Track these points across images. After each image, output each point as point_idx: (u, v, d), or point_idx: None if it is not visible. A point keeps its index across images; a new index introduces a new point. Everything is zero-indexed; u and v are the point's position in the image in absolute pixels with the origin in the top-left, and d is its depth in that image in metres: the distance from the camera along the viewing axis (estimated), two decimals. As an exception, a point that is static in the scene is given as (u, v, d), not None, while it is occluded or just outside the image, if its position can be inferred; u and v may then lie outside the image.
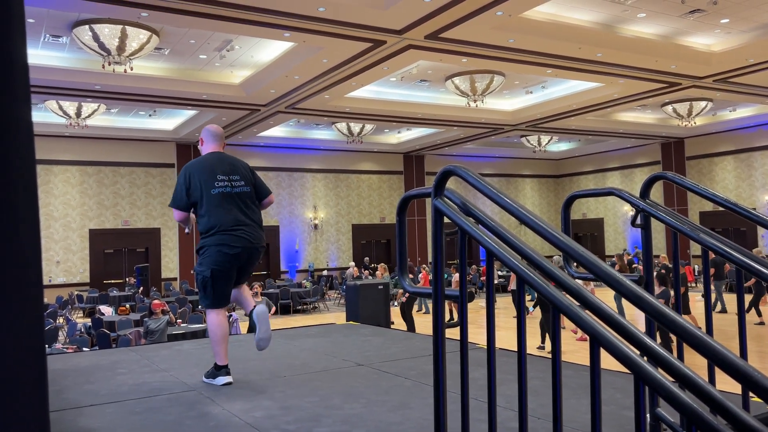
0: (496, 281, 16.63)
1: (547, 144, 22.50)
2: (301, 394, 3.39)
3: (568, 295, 1.51)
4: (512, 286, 13.79)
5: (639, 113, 19.70)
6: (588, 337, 1.38)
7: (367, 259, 22.50)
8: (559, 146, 25.66)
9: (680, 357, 2.11)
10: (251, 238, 3.67)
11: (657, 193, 23.43)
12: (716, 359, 1.16)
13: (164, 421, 2.93)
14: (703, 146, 22.76)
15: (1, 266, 0.81)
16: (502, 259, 1.60)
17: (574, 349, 9.85)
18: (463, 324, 1.73)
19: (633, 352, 1.31)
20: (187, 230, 3.97)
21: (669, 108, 17.43)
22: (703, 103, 16.99)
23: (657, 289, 8.50)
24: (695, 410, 1.19)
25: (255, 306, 3.73)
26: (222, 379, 3.63)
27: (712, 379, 2.06)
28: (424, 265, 19.59)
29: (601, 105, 16.81)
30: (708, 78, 14.28)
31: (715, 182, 22.74)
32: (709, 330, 2.16)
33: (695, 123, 18.29)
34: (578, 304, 1.50)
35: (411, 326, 11.31)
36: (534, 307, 11.34)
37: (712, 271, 15.98)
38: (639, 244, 22.07)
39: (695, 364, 1.60)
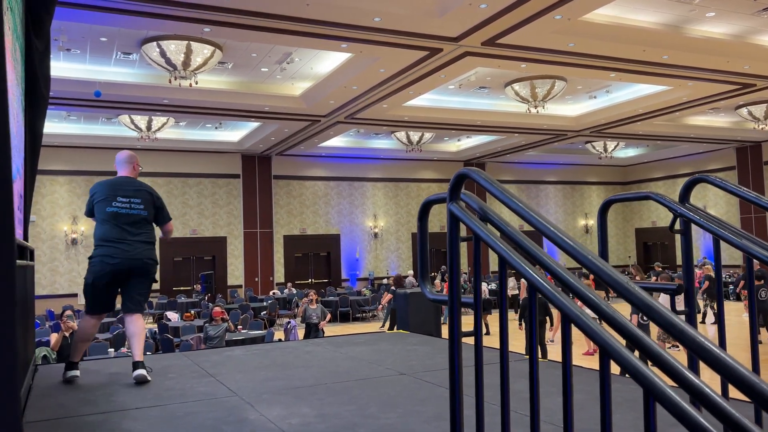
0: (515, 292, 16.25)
1: (613, 150, 21.80)
2: (340, 402, 3.39)
3: (583, 305, 1.44)
4: (524, 294, 13.14)
5: (711, 117, 18.83)
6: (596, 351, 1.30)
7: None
8: (626, 152, 24.82)
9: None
10: (131, 252, 4.08)
11: (733, 199, 22.28)
12: (727, 373, 1.07)
13: (202, 426, 2.98)
14: (783, 150, 21.54)
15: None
16: (513, 264, 1.54)
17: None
18: (477, 332, 1.68)
19: (645, 366, 1.23)
20: None
21: (744, 111, 16.58)
22: (781, 105, 16.09)
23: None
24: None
25: (136, 370, 3.95)
26: (69, 373, 4.10)
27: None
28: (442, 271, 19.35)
29: (670, 109, 16.17)
30: (786, 78, 13.52)
31: (797, 188, 21.47)
32: (754, 345, 2.00)
33: (773, 126, 17.32)
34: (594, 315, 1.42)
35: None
36: (520, 319, 10.51)
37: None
38: (711, 254, 21.00)
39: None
